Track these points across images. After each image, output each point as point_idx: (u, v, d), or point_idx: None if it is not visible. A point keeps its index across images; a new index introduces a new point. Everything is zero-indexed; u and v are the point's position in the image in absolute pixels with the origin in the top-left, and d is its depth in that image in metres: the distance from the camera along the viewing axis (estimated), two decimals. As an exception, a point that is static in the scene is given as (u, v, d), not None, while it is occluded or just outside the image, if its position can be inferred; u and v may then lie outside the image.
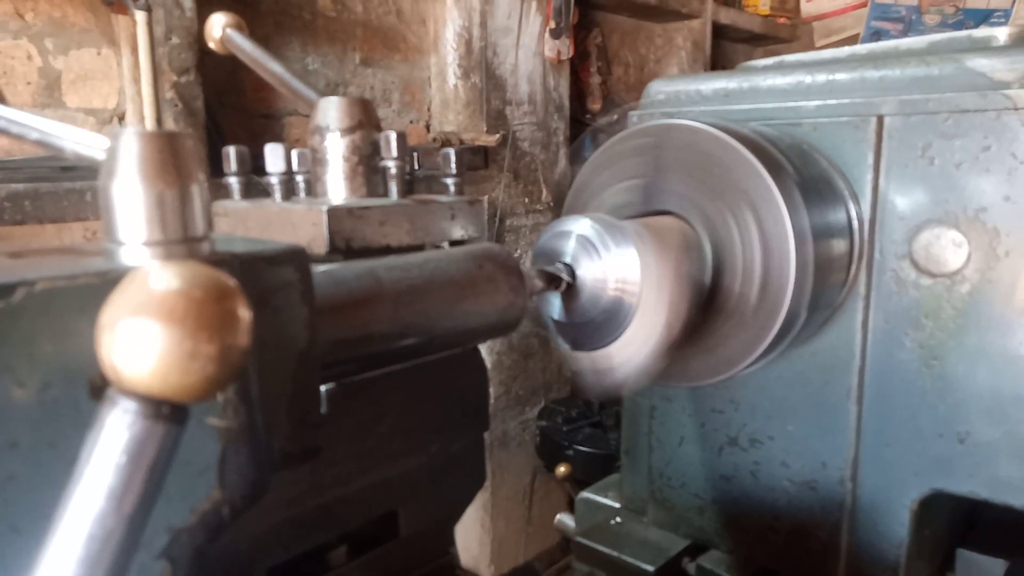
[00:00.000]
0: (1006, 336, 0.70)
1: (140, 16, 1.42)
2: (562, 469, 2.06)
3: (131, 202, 0.33)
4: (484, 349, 0.64)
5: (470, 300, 0.50)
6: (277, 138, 1.72)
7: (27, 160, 1.38)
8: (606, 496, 1.04)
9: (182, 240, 0.34)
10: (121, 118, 1.63)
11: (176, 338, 0.24)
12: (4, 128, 0.37)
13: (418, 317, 0.46)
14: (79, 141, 0.36)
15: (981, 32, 0.76)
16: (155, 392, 0.24)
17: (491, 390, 2.26)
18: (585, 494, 1.07)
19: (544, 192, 2.35)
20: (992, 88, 0.68)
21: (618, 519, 0.99)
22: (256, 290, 0.32)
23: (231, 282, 0.26)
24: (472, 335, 0.52)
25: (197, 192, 0.34)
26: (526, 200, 2.31)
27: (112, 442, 0.25)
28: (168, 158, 0.33)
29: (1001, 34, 0.74)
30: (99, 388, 0.30)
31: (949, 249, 0.72)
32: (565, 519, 1.13)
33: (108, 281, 0.30)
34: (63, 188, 1.35)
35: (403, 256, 0.50)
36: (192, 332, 0.24)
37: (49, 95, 1.53)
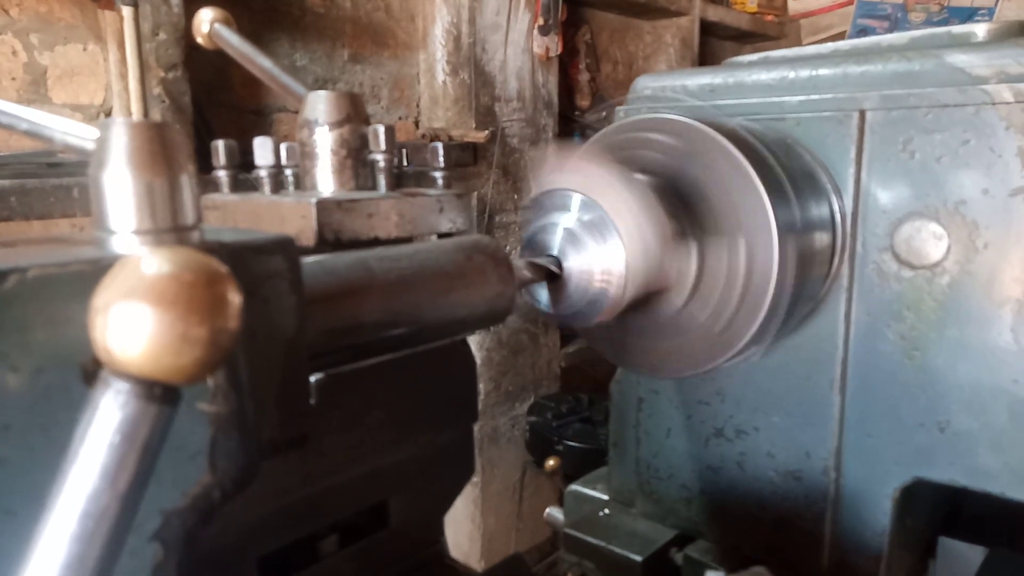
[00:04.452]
0: (984, 328, 0.71)
1: (127, 12, 1.41)
2: (551, 462, 2.07)
3: (121, 191, 0.33)
4: (473, 345, 0.65)
5: (460, 290, 0.50)
6: (265, 134, 1.71)
7: (13, 156, 1.37)
8: (594, 489, 1.05)
9: (172, 229, 0.34)
10: (108, 114, 1.62)
11: (168, 321, 0.25)
12: (-6, 119, 0.37)
13: (408, 307, 0.47)
14: (69, 132, 0.37)
15: (961, 29, 0.78)
16: (147, 373, 0.25)
17: (480, 386, 2.26)
18: (574, 487, 1.08)
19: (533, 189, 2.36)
20: (971, 83, 0.69)
21: (606, 511, 1.00)
22: (245, 279, 0.32)
23: (221, 267, 0.27)
24: (462, 325, 0.53)
25: (186, 182, 0.35)
26: (515, 196, 2.32)
27: (106, 422, 0.25)
28: (158, 148, 0.34)
29: (980, 30, 0.76)
30: (91, 373, 0.30)
31: (930, 242, 0.73)
32: (554, 512, 1.13)
33: (99, 268, 0.30)
34: (50, 184, 1.34)
35: (394, 247, 0.50)
36: (183, 315, 0.25)
37: (35, 91, 1.52)
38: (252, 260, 0.37)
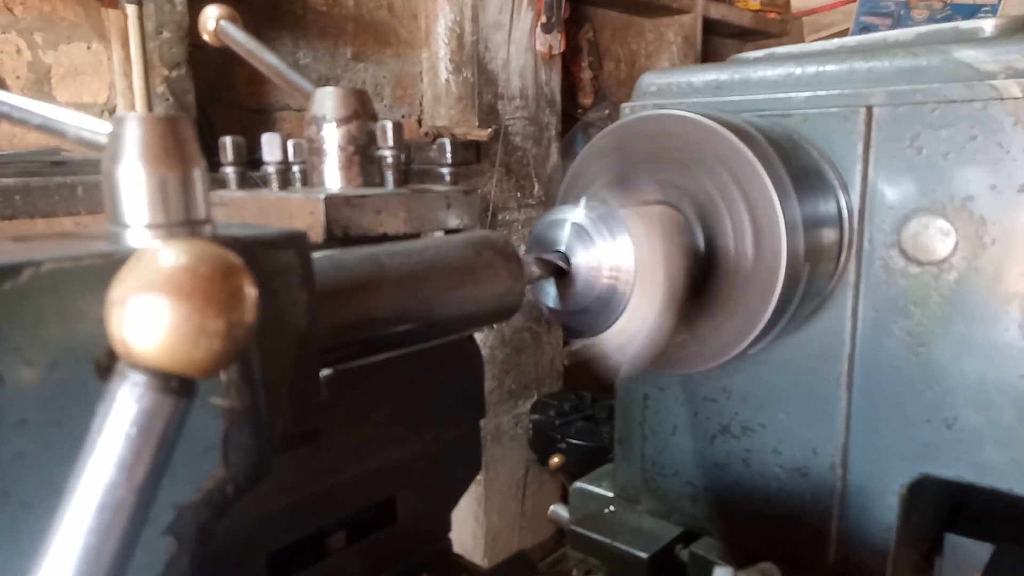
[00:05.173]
0: (991, 324, 0.71)
1: (131, 10, 1.41)
2: (555, 460, 2.07)
3: (134, 185, 0.33)
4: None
5: (469, 286, 0.50)
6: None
7: (17, 154, 1.37)
8: (599, 486, 1.05)
9: (184, 223, 0.34)
10: (112, 113, 1.62)
11: (184, 313, 0.25)
12: (6, 113, 0.37)
13: (419, 302, 0.47)
14: (81, 126, 0.37)
15: (968, 24, 0.77)
16: (164, 366, 0.25)
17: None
18: (579, 484, 1.08)
19: (536, 186, 2.36)
20: (978, 79, 0.69)
21: (612, 508, 1.00)
22: (256, 274, 0.32)
23: (237, 260, 0.27)
24: (471, 320, 0.53)
25: (198, 176, 0.35)
26: (518, 194, 2.32)
27: (122, 414, 0.25)
28: (170, 142, 0.34)
29: (987, 26, 0.76)
30: (105, 367, 0.30)
31: (937, 238, 0.73)
32: (559, 510, 1.13)
33: (113, 262, 0.30)
34: (54, 183, 1.34)
35: (404, 242, 0.50)
36: (200, 307, 0.25)
37: (39, 89, 1.52)
38: (264, 255, 0.37)
